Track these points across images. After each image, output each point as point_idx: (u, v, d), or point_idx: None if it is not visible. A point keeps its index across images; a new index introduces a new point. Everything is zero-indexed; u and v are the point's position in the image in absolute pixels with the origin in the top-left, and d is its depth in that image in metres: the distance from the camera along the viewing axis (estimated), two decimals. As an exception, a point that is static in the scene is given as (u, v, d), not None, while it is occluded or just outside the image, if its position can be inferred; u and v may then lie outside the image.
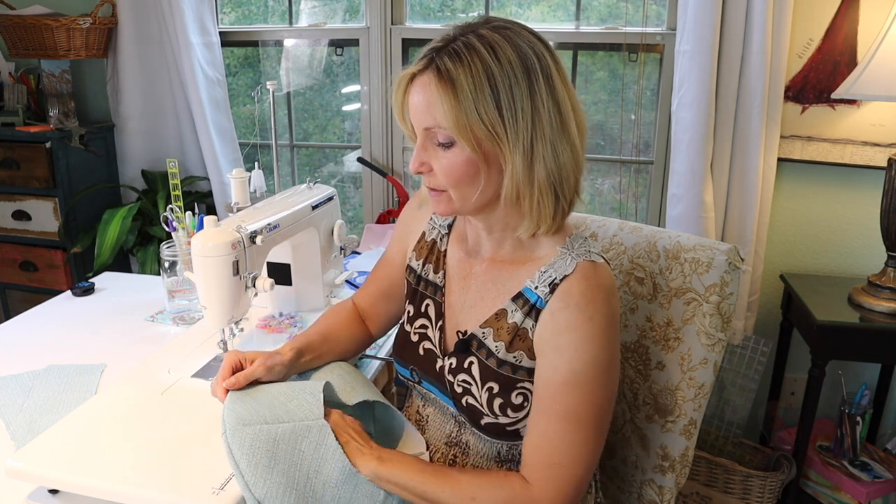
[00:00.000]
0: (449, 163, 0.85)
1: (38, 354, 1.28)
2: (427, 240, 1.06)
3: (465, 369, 0.94)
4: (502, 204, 0.88)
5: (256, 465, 0.83)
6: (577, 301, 0.85)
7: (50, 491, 0.91)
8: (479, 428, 0.93)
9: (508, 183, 0.85)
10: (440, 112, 0.82)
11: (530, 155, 0.83)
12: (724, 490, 1.87)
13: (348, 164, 2.48)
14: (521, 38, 0.83)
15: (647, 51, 2.01)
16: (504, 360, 0.90)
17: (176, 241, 1.40)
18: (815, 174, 1.93)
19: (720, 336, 1.04)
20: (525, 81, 0.81)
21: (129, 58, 2.21)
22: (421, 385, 1.04)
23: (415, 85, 0.85)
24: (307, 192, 1.38)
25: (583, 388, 0.84)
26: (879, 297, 1.72)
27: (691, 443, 1.08)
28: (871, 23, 1.75)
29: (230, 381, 0.93)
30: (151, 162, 2.33)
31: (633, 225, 1.17)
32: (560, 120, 0.83)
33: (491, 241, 0.96)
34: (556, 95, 0.83)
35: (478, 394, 0.92)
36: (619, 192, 2.17)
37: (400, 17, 2.17)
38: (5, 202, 2.22)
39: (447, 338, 0.99)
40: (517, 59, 0.81)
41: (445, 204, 0.90)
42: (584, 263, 0.87)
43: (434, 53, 0.83)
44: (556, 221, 0.88)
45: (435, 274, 1.03)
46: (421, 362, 1.02)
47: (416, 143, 0.88)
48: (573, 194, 0.88)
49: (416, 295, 1.05)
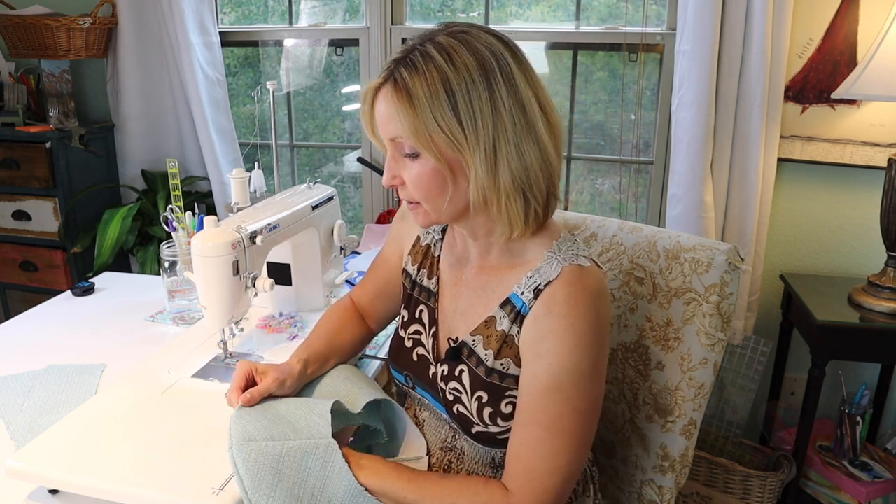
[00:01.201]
0: (417, 174, 0.85)
1: (38, 354, 1.28)
2: (422, 244, 1.06)
3: (456, 377, 0.93)
4: (472, 212, 0.87)
5: (260, 483, 0.82)
6: (559, 307, 0.84)
7: (50, 491, 0.91)
8: (470, 436, 0.93)
9: (474, 189, 0.83)
10: (398, 123, 0.82)
11: (493, 159, 0.81)
12: (724, 490, 1.87)
13: (348, 164, 2.48)
14: (478, 41, 0.82)
15: (647, 51, 2.01)
16: (493, 369, 0.90)
17: (176, 241, 1.40)
18: (815, 174, 1.93)
19: (720, 336, 1.04)
20: (483, 83, 0.80)
21: (129, 58, 2.21)
22: (415, 391, 1.03)
23: (378, 98, 0.85)
24: (307, 192, 1.38)
25: (564, 395, 0.83)
26: (879, 297, 1.72)
27: (691, 443, 1.08)
28: (871, 23, 1.75)
29: (245, 399, 0.92)
30: (151, 162, 2.33)
31: (633, 225, 1.17)
32: (525, 120, 0.82)
33: (477, 248, 0.95)
34: (519, 95, 0.82)
35: (468, 402, 0.92)
36: (619, 192, 2.17)
37: (400, 17, 2.17)
38: (5, 202, 2.22)
39: (440, 345, 0.99)
40: (474, 62, 0.80)
41: (423, 216, 0.90)
42: (570, 268, 0.86)
43: (393, 65, 0.83)
44: (530, 225, 0.86)
45: (429, 280, 1.03)
46: (414, 368, 1.01)
47: (387, 157, 0.87)
48: (546, 195, 0.86)
49: (410, 300, 1.05)
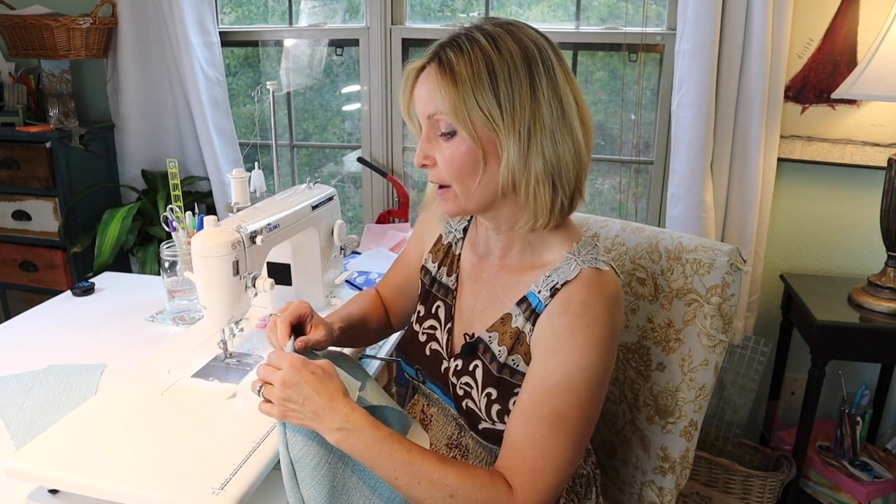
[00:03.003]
0: (451, 153, 0.86)
1: (38, 354, 1.28)
2: (444, 243, 1.07)
3: (470, 372, 0.94)
4: (500, 194, 0.88)
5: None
6: (576, 307, 0.85)
7: (50, 491, 0.91)
8: (476, 432, 0.93)
9: (504, 171, 0.85)
10: (439, 98, 0.84)
11: (527, 143, 0.83)
12: (724, 490, 1.86)
13: (348, 164, 2.48)
14: (523, 33, 0.85)
15: (647, 51, 2.01)
16: (504, 364, 0.91)
17: (176, 241, 1.40)
18: (815, 174, 1.93)
19: (721, 337, 1.04)
20: (525, 70, 0.83)
21: (129, 58, 2.21)
22: (425, 385, 1.04)
23: (420, 78, 0.88)
24: (307, 192, 1.37)
25: (575, 394, 0.83)
26: (879, 297, 1.72)
27: (692, 444, 1.08)
28: (871, 23, 1.75)
29: (300, 344, 0.91)
30: (151, 162, 2.33)
31: (636, 225, 1.17)
32: (561, 111, 0.84)
33: (500, 243, 0.96)
34: (558, 88, 0.84)
35: (477, 398, 0.92)
36: (619, 192, 2.17)
37: (400, 17, 2.16)
38: (5, 202, 2.22)
39: (454, 340, 1.00)
40: (518, 50, 0.83)
41: (452, 201, 0.90)
42: (589, 270, 0.87)
43: (439, 48, 0.86)
44: (555, 216, 0.87)
45: (448, 277, 1.04)
46: (426, 362, 1.02)
47: (422, 136, 0.89)
48: (574, 190, 0.88)
49: (428, 296, 1.06)
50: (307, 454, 0.85)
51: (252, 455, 0.92)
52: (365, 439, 0.82)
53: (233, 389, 1.09)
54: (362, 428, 0.82)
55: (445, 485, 0.81)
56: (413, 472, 0.81)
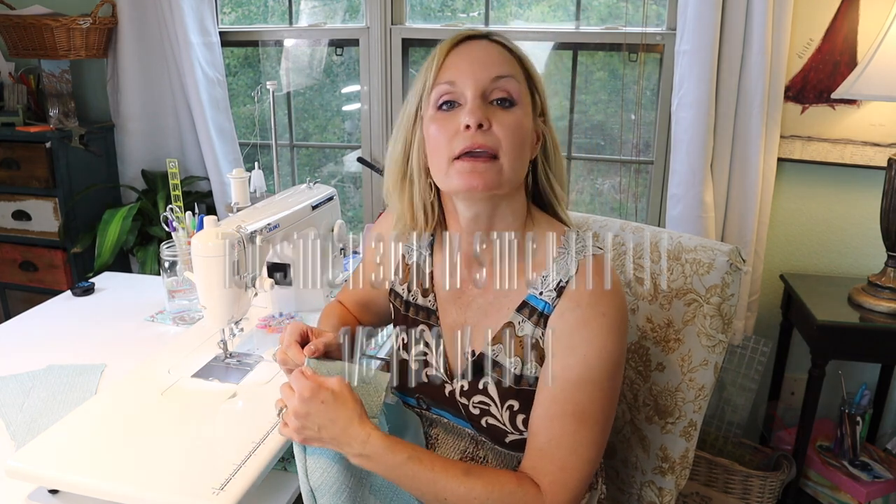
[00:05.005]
0: (515, 120, 0.83)
1: (38, 354, 1.28)
2: (408, 262, 1.01)
3: (481, 390, 0.91)
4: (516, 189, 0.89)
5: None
6: (588, 299, 0.84)
7: (50, 491, 0.91)
8: (503, 446, 0.91)
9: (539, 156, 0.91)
10: (512, 65, 0.86)
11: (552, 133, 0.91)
12: (723, 490, 1.86)
13: (348, 164, 2.48)
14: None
15: (647, 51, 2.01)
16: (521, 375, 0.88)
17: (176, 241, 1.40)
18: (815, 174, 1.93)
19: (721, 337, 1.04)
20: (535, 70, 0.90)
21: (129, 58, 2.21)
22: (430, 412, 1.00)
23: (472, 44, 0.86)
24: (307, 192, 1.38)
25: (595, 385, 0.83)
26: (879, 297, 1.72)
27: (691, 444, 1.08)
28: (871, 23, 1.75)
29: (310, 350, 0.88)
30: (151, 162, 2.33)
31: (635, 225, 1.17)
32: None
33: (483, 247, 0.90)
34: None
35: (498, 413, 0.90)
36: (619, 192, 2.17)
37: (400, 17, 2.16)
38: (5, 202, 2.22)
39: (451, 361, 0.96)
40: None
41: (494, 174, 0.82)
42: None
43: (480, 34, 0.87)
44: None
45: (424, 298, 0.99)
46: (426, 389, 0.98)
47: (471, 100, 0.82)
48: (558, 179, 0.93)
49: (407, 321, 1.01)
50: (327, 481, 0.85)
51: (252, 455, 0.92)
52: (385, 465, 0.81)
53: (233, 389, 1.09)
54: (381, 454, 0.81)
55: (473, 497, 0.81)
56: (438, 489, 0.81)
